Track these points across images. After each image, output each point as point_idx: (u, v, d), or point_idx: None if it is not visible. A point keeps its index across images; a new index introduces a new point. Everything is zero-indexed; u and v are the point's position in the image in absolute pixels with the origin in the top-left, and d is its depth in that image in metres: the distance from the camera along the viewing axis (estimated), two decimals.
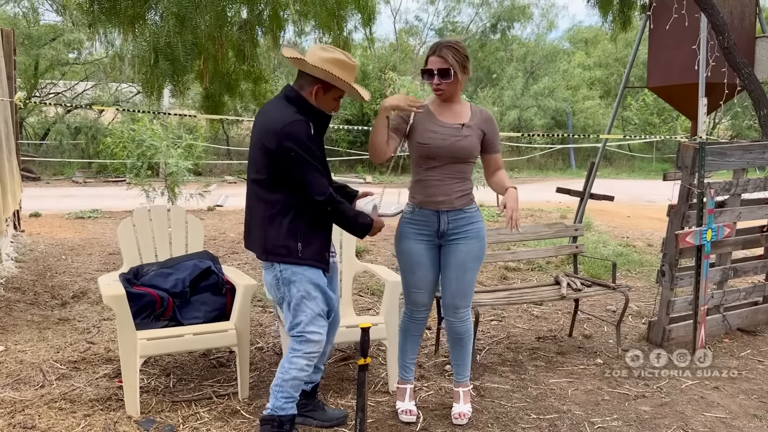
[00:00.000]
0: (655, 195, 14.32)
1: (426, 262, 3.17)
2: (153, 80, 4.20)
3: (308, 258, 2.83)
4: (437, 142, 3.05)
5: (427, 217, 3.12)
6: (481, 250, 3.19)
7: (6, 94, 6.95)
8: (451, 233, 3.13)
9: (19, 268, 6.24)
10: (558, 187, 7.31)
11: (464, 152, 3.07)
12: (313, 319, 2.85)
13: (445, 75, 3.00)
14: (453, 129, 3.07)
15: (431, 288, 3.25)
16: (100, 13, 3.94)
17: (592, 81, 23.15)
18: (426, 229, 3.13)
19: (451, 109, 3.13)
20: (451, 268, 3.14)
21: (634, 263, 7.31)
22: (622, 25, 7.86)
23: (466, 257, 3.14)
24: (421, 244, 3.14)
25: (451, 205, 3.10)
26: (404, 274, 3.22)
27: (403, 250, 3.17)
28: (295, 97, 2.81)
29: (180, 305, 3.79)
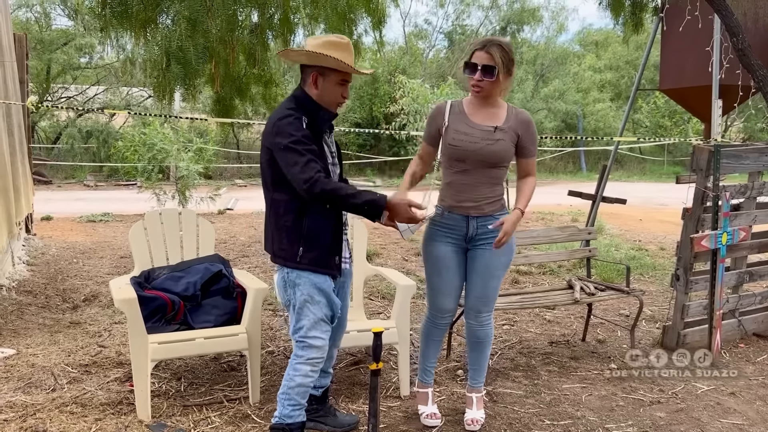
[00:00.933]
0: (667, 198, 14.21)
1: (453, 266, 3.13)
2: (164, 84, 4.19)
3: (308, 263, 2.77)
4: (466, 145, 2.98)
5: (455, 222, 3.08)
6: (508, 257, 3.15)
7: (18, 98, 6.99)
8: (480, 238, 3.09)
9: (30, 271, 6.26)
10: (570, 190, 7.27)
11: (495, 157, 2.99)
12: (315, 324, 2.81)
13: (489, 72, 2.91)
14: (485, 132, 2.99)
15: (456, 293, 3.20)
16: (111, 17, 3.94)
17: (603, 84, 23.03)
18: (454, 233, 3.10)
19: (486, 111, 3.04)
20: (476, 272, 3.11)
21: (647, 267, 7.24)
22: (633, 27, 7.80)
23: (493, 263, 3.10)
24: (448, 247, 3.11)
25: (480, 210, 3.05)
26: (430, 277, 3.19)
27: (431, 252, 3.14)
28: (298, 95, 2.79)
29: (191, 309, 3.78)
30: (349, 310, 4.19)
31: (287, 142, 2.62)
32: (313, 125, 2.72)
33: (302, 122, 2.67)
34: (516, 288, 6.05)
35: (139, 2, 3.96)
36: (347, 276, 3.11)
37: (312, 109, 2.75)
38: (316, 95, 2.76)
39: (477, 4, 23.14)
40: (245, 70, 5.85)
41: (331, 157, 2.86)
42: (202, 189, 10.55)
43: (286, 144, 2.62)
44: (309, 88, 2.77)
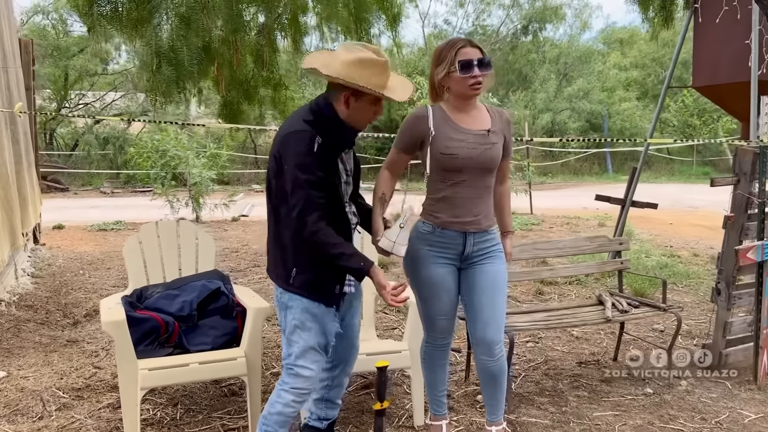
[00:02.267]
0: (698, 200, 13.70)
1: (452, 287, 2.82)
2: (156, 87, 3.91)
3: (299, 287, 2.51)
4: (465, 152, 2.68)
5: (450, 239, 2.76)
6: (506, 272, 2.85)
7: (25, 105, 6.80)
8: (475, 256, 2.79)
9: (34, 284, 6.06)
10: (597, 195, 6.86)
11: (493, 162, 2.74)
12: (305, 353, 2.53)
13: (486, 66, 2.65)
14: (479, 136, 2.72)
15: (455, 312, 2.91)
16: (99, 16, 3.68)
17: (629, 82, 22.43)
18: (449, 252, 2.78)
19: (470, 114, 2.76)
20: (479, 291, 2.78)
21: (680, 275, 6.82)
22: (663, 21, 7.37)
23: (496, 278, 2.79)
24: (444, 268, 2.78)
25: (478, 226, 2.76)
26: (426, 303, 2.86)
27: (425, 276, 2.79)
28: (320, 108, 2.49)
29: (186, 330, 3.50)
30: (361, 329, 3.93)
31: (294, 163, 2.39)
32: (330, 144, 2.45)
33: (314, 142, 2.39)
34: (540, 300, 5.69)
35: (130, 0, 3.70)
36: (355, 297, 2.81)
37: (332, 126, 2.48)
38: (345, 114, 2.48)
39: (497, 3, 22.74)
40: (253, 72, 5.57)
41: (345, 175, 2.59)
42: (217, 195, 10.33)
43: (293, 165, 2.39)
44: (338, 105, 2.48)
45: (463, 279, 2.83)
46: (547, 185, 17.14)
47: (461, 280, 2.84)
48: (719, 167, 20.38)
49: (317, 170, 2.39)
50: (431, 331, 2.93)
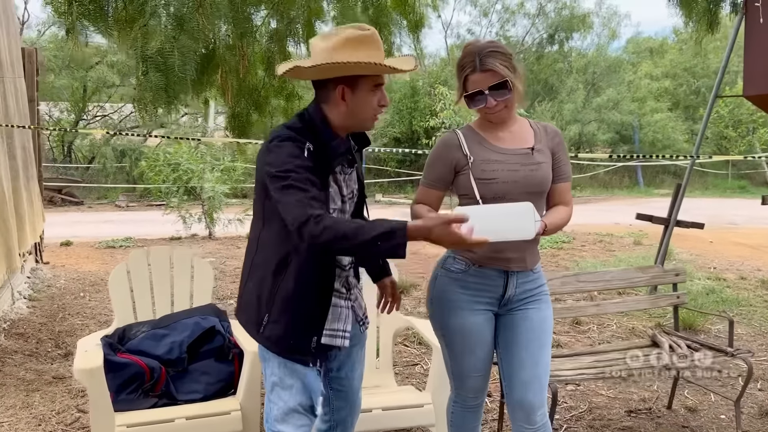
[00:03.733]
0: (737, 216, 13.01)
1: (487, 339, 2.31)
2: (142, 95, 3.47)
3: (268, 338, 2.04)
4: (506, 175, 2.19)
5: (489, 280, 2.26)
6: (552, 319, 2.34)
7: (26, 117, 6.46)
8: (517, 300, 2.29)
9: (30, 308, 5.66)
10: (638, 213, 6.32)
11: (540, 186, 2.24)
12: (287, 416, 2.07)
13: (501, 90, 2.16)
14: (521, 156, 2.23)
15: (490, 367, 2.39)
16: (80, 15, 3.26)
17: (660, 92, 21.70)
18: (486, 295, 2.27)
19: (508, 130, 2.28)
20: (520, 344, 2.27)
21: (729, 302, 6.21)
22: (708, 25, 6.80)
23: (541, 327, 2.28)
24: (480, 316, 2.28)
25: (522, 264, 2.25)
26: (458, 357, 2.35)
27: (457, 326, 2.29)
28: (309, 113, 2.03)
29: (175, 376, 3.04)
30: (376, 373, 3.43)
31: (276, 170, 1.89)
32: (321, 157, 1.97)
33: (303, 149, 1.92)
34: (577, 331, 5.14)
35: None
36: (357, 342, 2.29)
37: (321, 134, 1.99)
38: (344, 114, 2.01)
39: (522, 12, 22.23)
40: (263, 81, 5.13)
41: (339, 199, 2.08)
42: (232, 209, 9.93)
43: (275, 173, 1.88)
44: (333, 106, 2.01)
45: (500, 327, 2.33)
46: (575, 199, 16.25)
47: (498, 328, 2.34)
48: (755, 181, 19.59)
49: (309, 173, 1.89)
50: (461, 390, 2.42)
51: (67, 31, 3.23)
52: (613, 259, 8.37)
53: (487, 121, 2.29)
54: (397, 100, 17.68)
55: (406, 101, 17.47)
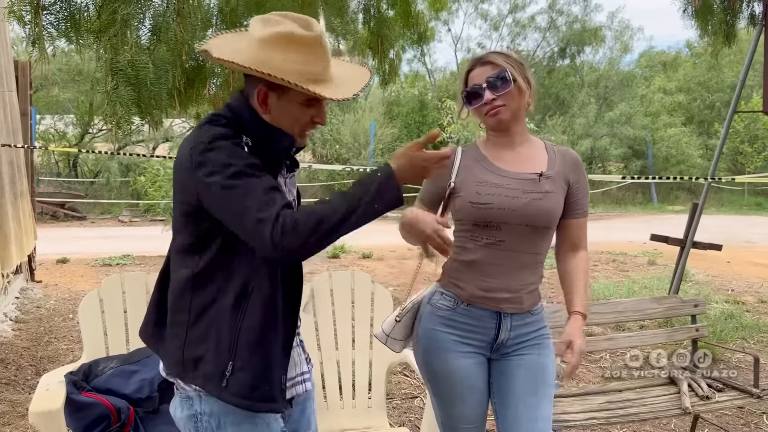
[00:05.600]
0: (754, 234, 12.62)
1: (479, 386, 2.03)
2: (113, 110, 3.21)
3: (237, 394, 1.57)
4: (503, 201, 1.92)
5: (479, 321, 1.99)
6: (554, 368, 2.04)
7: (18, 132, 6.29)
8: (512, 344, 2.01)
9: (16, 330, 5.44)
10: (653, 234, 6.00)
11: (545, 219, 1.95)
12: None
13: (500, 83, 1.91)
14: (526, 182, 1.95)
15: (485, 418, 2.10)
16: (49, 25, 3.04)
17: (673, 107, 21.36)
18: (476, 337, 2.00)
19: (517, 150, 2.01)
20: (515, 395, 1.99)
21: (750, 328, 5.89)
22: (725, 38, 6.53)
23: (540, 377, 2.00)
24: (468, 359, 2.00)
25: (518, 305, 1.98)
26: (445, 406, 2.07)
27: (443, 369, 2.02)
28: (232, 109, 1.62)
29: (145, 417, 2.78)
30: (366, 413, 3.16)
31: (221, 177, 1.47)
32: (262, 152, 1.58)
33: (242, 146, 1.54)
34: (589, 360, 4.83)
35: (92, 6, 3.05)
36: (309, 395, 1.88)
37: (253, 128, 1.60)
38: (266, 116, 1.62)
39: (533, 26, 22.01)
40: None
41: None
42: None
43: (223, 182, 1.47)
44: (256, 105, 1.62)
45: (494, 373, 2.06)
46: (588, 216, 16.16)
47: (492, 377, 2.06)
48: None
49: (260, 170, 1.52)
50: None
51: (33, 42, 3.02)
52: (626, 281, 8.05)
53: (495, 134, 2.04)
54: (405, 114, 17.48)
55: (414, 115, 17.26)
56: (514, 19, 22.17)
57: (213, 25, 3.73)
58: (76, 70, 13.75)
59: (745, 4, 6.47)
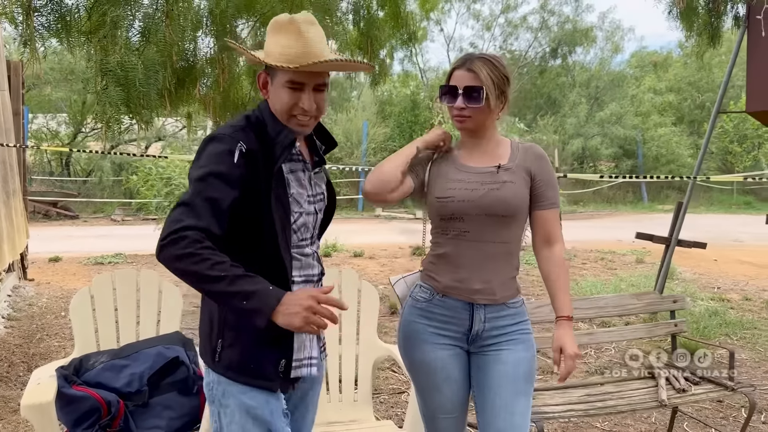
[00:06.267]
0: (742, 233, 12.76)
1: (457, 375, 2.10)
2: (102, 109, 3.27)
3: (227, 366, 1.74)
4: (463, 194, 2.02)
5: (453, 312, 2.07)
6: (533, 364, 2.11)
7: (10, 132, 6.32)
8: (488, 337, 2.08)
9: (8, 328, 5.48)
10: (638, 233, 6.11)
11: (504, 206, 2.02)
12: None
13: (474, 96, 2.00)
14: (484, 174, 2.05)
15: (464, 409, 2.17)
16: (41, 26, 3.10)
17: (664, 107, 21.51)
18: (450, 329, 2.09)
19: (483, 149, 2.11)
20: (492, 389, 2.06)
21: (733, 325, 5.99)
22: (709, 39, 6.62)
23: (516, 371, 2.06)
24: (444, 351, 2.08)
25: (491, 296, 2.05)
26: (424, 395, 2.15)
27: (420, 361, 2.11)
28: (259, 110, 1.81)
29: (135, 410, 2.84)
30: (353, 406, 3.23)
31: (196, 174, 1.64)
32: (268, 155, 1.73)
33: (234, 151, 1.66)
34: None
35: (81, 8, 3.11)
36: (313, 386, 1.99)
37: (267, 128, 1.75)
38: (270, 105, 1.78)
39: (525, 26, 22.12)
40: (249, 95, 4.96)
41: (306, 201, 1.82)
42: None
43: (196, 177, 1.64)
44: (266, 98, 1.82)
45: (473, 369, 2.13)
46: (578, 215, 16.27)
47: (471, 370, 2.14)
48: (761, 196, 19.32)
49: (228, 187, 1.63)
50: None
51: (25, 43, 3.08)
52: (614, 278, 8.15)
53: (462, 134, 2.14)
54: (398, 114, 17.56)
55: (406, 114, 17.35)
56: (506, 19, 22.28)
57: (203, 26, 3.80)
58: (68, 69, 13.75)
59: (729, 5, 6.56)
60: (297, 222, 1.79)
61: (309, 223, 1.84)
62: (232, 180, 1.64)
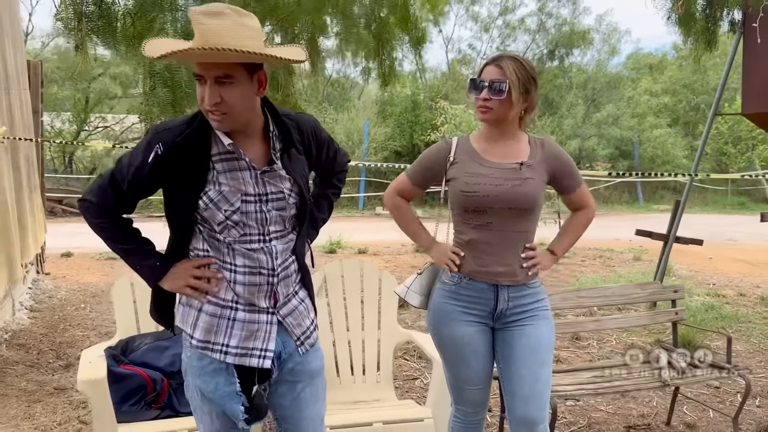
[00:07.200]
0: (736, 232, 13.03)
1: (482, 350, 2.34)
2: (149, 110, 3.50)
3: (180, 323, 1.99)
4: (488, 189, 2.24)
5: (479, 293, 2.31)
6: (552, 336, 2.36)
7: (30, 128, 6.51)
8: (512, 314, 2.32)
9: (31, 318, 5.68)
10: (638, 230, 6.36)
11: (526, 201, 2.25)
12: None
13: (498, 89, 2.20)
14: (508, 171, 2.26)
15: (489, 381, 2.42)
16: (90, 31, 3.32)
17: (660, 108, 21.81)
18: (477, 308, 2.32)
19: (503, 145, 2.32)
20: (518, 360, 2.29)
21: (729, 319, 6.23)
22: (706, 43, 6.86)
23: (539, 344, 2.30)
24: (472, 327, 2.32)
25: (513, 278, 2.29)
26: (453, 369, 2.39)
27: (450, 337, 2.34)
28: None
29: (177, 388, 3.06)
30: (376, 387, 3.44)
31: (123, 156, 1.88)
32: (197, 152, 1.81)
33: (149, 150, 1.79)
34: (577, 346, 5.15)
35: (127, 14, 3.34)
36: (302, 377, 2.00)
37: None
38: None
39: (523, 28, 22.36)
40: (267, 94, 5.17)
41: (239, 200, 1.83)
42: None
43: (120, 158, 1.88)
44: None
45: (498, 343, 2.36)
46: None
47: (496, 345, 2.37)
48: (755, 197, 19.62)
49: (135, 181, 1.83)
50: (460, 404, 2.45)
51: (77, 47, 3.29)
52: (613, 275, 8.40)
53: (484, 129, 2.34)
54: (398, 114, 17.77)
55: (407, 115, 17.57)
56: (504, 21, 22.51)
57: None
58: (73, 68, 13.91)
59: (725, 11, 6.80)
60: (231, 218, 1.83)
61: (248, 220, 1.85)
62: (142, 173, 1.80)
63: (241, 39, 1.68)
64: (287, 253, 1.95)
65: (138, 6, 3.33)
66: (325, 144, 2.09)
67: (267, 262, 1.88)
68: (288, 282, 1.95)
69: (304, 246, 2.05)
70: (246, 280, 1.88)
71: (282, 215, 1.90)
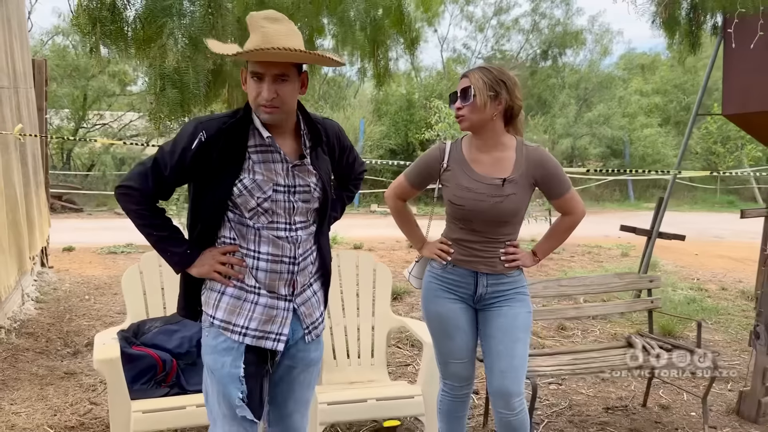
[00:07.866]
0: (723, 230, 13.32)
1: (464, 325, 2.59)
2: (159, 109, 3.72)
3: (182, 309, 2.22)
4: (472, 204, 2.46)
5: (461, 277, 2.57)
6: (528, 318, 2.58)
7: (35, 126, 6.71)
8: (491, 297, 2.56)
9: (38, 309, 5.89)
10: (622, 225, 6.59)
11: (506, 216, 2.49)
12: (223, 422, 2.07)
13: (465, 96, 2.43)
14: (491, 187, 2.45)
15: (473, 357, 2.67)
16: (103, 35, 3.53)
17: (650, 108, 22.13)
18: (460, 290, 2.58)
19: (491, 155, 2.49)
20: (495, 338, 2.53)
21: (709, 311, 6.49)
22: (690, 47, 7.11)
23: (514, 323, 2.53)
24: (455, 304, 2.58)
25: (492, 268, 2.54)
26: (439, 342, 2.64)
27: (435, 312, 2.60)
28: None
29: (185, 368, 3.29)
30: (371, 369, 3.68)
31: (164, 144, 2.04)
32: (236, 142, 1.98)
33: (193, 137, 1.96)
34: (562, 336, 5.40)
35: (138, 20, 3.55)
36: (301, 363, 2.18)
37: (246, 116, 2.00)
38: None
39: (517, 28, 22.64)
40: None
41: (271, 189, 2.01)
42: None
43: (161, 146, 2.03)
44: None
45: (480, 322, 2.61)
46: None
47: (479, 324, 2.61)
48: (743, 195, 19.94)
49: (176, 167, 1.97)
50: (447, 378, 2.69)
51: (91, 50, 3.51)
52: (600, 270, 8.65)
53: (474, 137, 2.54)
54: (393, 113, 18.02)
55: (402, 114, 17.82)
56: (498, 21, 22.79)
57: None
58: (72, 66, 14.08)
59: (708, 15, 7.05)
60: (262, 205, 2.00)
61: (277, 209, 2.01)
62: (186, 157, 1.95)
63: (297, 42, 1.91)
64: (308, 243, 2.10)
65: (148, 12, 3.55)
66: (347, 150, 2.29)
67: (290, 250, 2.04)
68: (306, 273, 2.10)
69: (328, 241, 2.24)
70: (268, 267, 2.03)
71: (307, 207, 2.07)
